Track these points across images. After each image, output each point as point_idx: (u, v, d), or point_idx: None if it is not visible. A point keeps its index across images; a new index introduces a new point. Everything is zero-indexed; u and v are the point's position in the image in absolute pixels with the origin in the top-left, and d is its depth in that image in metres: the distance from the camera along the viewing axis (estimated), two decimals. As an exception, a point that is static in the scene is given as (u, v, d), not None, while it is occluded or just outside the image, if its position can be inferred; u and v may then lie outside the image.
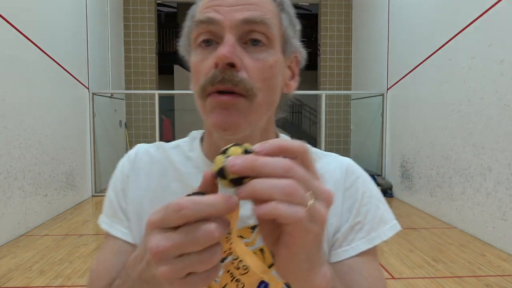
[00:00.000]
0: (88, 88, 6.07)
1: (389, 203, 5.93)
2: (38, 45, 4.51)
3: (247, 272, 0.40)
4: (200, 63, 0.54)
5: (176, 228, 0.33)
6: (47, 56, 4.74)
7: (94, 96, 6.20)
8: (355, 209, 0.61)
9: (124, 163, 0.67)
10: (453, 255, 3.47)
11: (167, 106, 10.48)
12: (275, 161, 0.33)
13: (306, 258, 0.37)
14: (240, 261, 0.40)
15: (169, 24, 11.98)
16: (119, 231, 0.63)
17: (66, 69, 5.27)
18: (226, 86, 0.51)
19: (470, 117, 4.08)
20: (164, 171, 0.65)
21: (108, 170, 6.90)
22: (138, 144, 0.70)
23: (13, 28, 4.01)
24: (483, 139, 3.87)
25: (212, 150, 0.63)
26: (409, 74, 5.57)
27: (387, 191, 6.10)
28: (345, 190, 0.62)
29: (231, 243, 0.37)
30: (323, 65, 8.41)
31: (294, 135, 12.84)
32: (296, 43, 0.60)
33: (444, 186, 4.61)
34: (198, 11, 0.56)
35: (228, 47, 0.51)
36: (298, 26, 0.61)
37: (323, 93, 6.87)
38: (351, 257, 0.59)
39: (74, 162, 5.51)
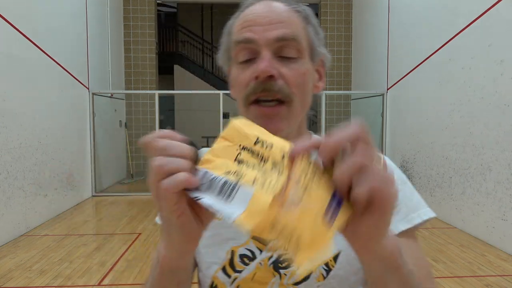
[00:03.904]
0: (88, 88, 6.08)
1: (389, 203, 5.96)
2: (38, 45, 4.51)
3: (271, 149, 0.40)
4: (239, 76, 0.63)
5: None
6: (47, 56, 4.74)
7: (94, 96, 6.21)
8: None
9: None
10: (453, 255, 3.46)
11: (167, 106, 10.47)
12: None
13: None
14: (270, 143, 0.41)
15: (169, 24, 11.95)
16: None
17: (66, 69, 5.27)
18: (268, 94, 0.60)
19: (470, 117, 4.08)
20: None
21: (108, 170, 6.91)
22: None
23: (13, 28, 4.01)
24: (483, 139, 3.87)
25: None
26: (409, 74, 5.57)
27: (387, 191, 6.09)
28: None
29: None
30: (323, 65, 8.40)
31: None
32: (322, 49, 0.67)
33: (444, 186, 4.61)
34: (235, 31, 0.64)
35: (266, 62, 0.59)
36: (322, 34, 0.68)
37: (323, 93, 6.88)
38: None
39: (74, 162, 5.51)
